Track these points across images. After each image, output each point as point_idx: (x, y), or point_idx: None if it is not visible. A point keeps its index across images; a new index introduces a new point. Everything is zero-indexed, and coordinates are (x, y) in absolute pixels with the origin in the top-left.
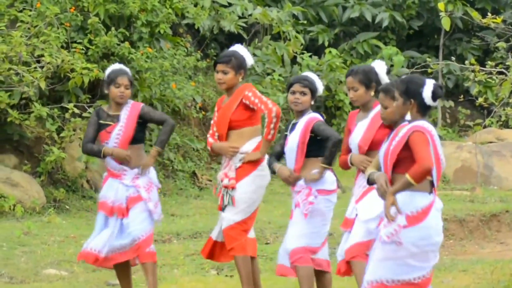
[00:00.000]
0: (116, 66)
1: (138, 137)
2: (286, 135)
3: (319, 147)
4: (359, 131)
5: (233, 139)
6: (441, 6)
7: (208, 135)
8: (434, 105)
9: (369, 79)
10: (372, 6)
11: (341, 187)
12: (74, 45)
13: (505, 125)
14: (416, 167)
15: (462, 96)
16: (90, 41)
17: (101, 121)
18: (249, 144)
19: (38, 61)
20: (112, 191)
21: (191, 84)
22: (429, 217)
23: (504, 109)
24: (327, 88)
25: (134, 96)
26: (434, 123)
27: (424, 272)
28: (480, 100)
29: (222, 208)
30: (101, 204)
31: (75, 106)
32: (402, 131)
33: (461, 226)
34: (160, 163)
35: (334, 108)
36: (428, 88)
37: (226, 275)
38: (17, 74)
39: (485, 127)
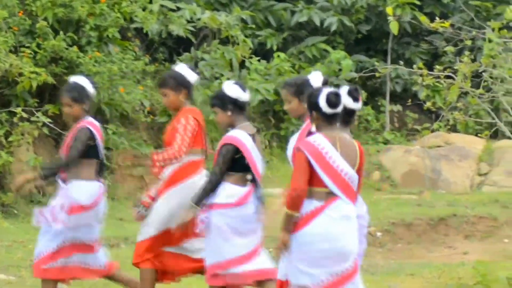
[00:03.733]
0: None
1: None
2: None
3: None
4: (291, 144)
5: None
6: (389, 10)
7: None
8: (335, 111)
9: (302, 91)
10: (320, 10)
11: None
12: (23, 49)
13: (453, 129)
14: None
15: (410, 100)
16: (38, 45)
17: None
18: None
19: None
20: None
21: (140, 88)
22: (313, 224)
23: (452, 113)
24: (276, 92)
25: None
26: (382, 127)
27: (318, 280)
28: (428, 104)
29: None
30: None
31: (23, 110)
32: None
33: (408, 230)
34: (109, 167)
35: (282, 112)
36: (322, 97)
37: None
38: None
39: (433, 131)
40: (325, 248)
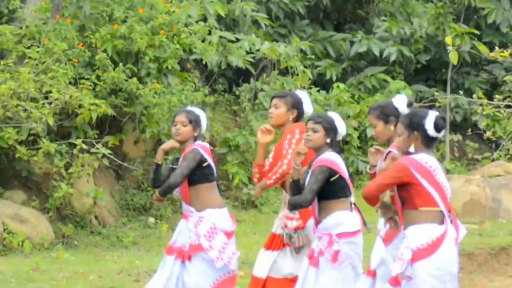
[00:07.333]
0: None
1: (193, 178)
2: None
3: (335, 188)
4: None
5: None
6: (448, 40)
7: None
8: (438, 136)
9: (386, 114)
10: (379, 41)
11: (367, 226)
12: (82, 81)
13: None
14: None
15: (470, 129)
16: (98, 77)
17: (174, 167)
18: None
19: (46, 97)
20: (177, 232)
21: None
22: (442, 247)
23: None
24: None
25: (142, 132)
26: (442, 157)
27: None
28: (488, 133)
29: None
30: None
31: (83, 142)
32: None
33: (470, 260)
34: (169, 198)
35: (343, 142)
36: (430, 119)
37: None
38: (25, 110)
39: (493, 160)
40: (453, 271)
